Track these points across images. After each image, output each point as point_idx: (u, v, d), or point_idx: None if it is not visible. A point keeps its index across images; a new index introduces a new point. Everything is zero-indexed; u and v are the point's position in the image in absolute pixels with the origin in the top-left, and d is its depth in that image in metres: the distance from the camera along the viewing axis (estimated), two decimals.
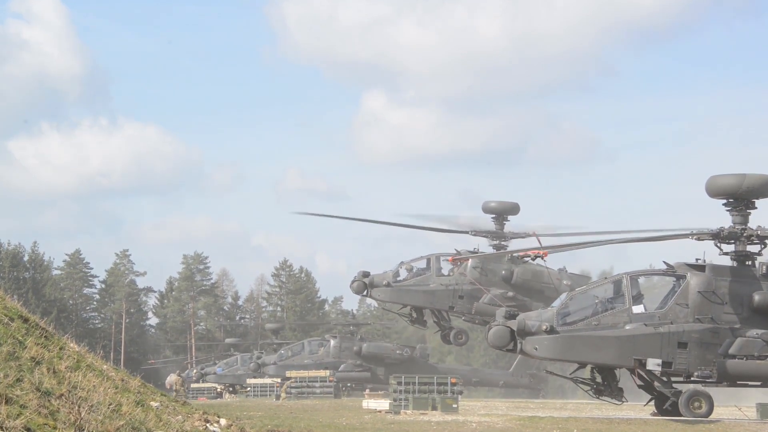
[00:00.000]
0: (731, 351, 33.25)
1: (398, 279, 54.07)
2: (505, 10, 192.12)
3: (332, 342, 74.32)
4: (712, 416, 33.16)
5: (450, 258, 51.66)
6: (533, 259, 47.09)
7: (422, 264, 53.89)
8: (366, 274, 54.25)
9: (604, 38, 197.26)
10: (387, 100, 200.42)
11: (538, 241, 40.89)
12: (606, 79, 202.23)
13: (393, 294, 53.62)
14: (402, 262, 54.79)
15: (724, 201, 34.72)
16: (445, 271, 52.90)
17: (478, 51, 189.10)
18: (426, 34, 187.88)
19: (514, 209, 52.68)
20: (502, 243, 51.15)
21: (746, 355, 33.24)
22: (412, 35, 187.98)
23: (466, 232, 50.14)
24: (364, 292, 55.07)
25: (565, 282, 49.44)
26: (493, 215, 52.25)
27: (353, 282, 54.98)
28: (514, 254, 50.40)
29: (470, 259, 50.78)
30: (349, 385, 70.32)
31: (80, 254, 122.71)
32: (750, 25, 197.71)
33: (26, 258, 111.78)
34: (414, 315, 55.77)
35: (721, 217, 35.06)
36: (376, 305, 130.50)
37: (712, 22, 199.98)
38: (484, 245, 51.67)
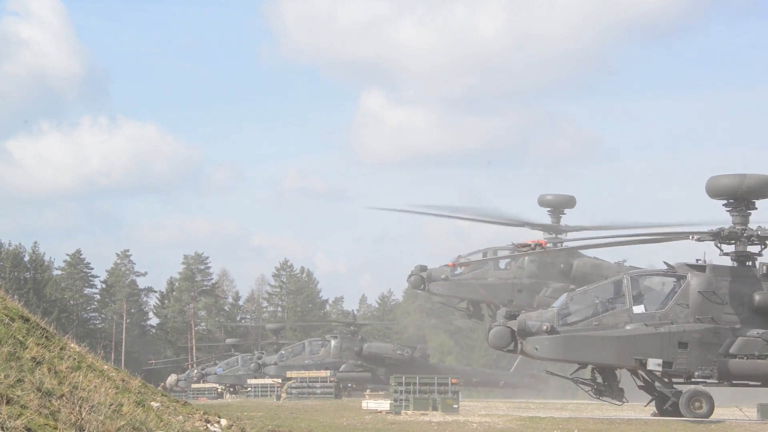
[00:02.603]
0: (732, 351, 33.27)
1: (456, 273, 53.42)
2: (505, 9, 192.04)
3: (333, 342, 74.32)
4: (713, 416, 33.17)
5: (450, 263, 51.56)
6: (533, 248, 46.95)
7: (477, 257, 53.08)
8: (423, 268, 53.49)
9: (605, 37, 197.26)
10: (387, 100, 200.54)
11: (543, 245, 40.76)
12: (607, 79, 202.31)
13: (451, 288, 52.98)
14: (459, 256, 54.02)
15: (725, 201, 34.73)
16: (502, 265, 52.32)
17: (478, 50, 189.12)
18: (426, 33, 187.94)
19: (570, 202, 51.82)
20: (559, 236, 50.24)
21: (747, 354, 33.26)
22: (412, 34, 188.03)
23: (523, 226, 49.10)
24: (422, 287, 54.35)
25: None
26: (549, 208, 51.50)
27: (410, 276, 54.16)
28: (514, 245, 50.07)
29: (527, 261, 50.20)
30: (349, 385, 70.29)
31: (81, 254, 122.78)
32: (751, 24, 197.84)
33: (27, 258, 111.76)
34: (471, 309, 55.47)
35: (721, 217, 35.11)
36: (377, 305, 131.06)
37: (713, 21, 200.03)
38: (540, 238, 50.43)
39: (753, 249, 34.81)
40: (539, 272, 50.53)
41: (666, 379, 34.04)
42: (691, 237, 34.56)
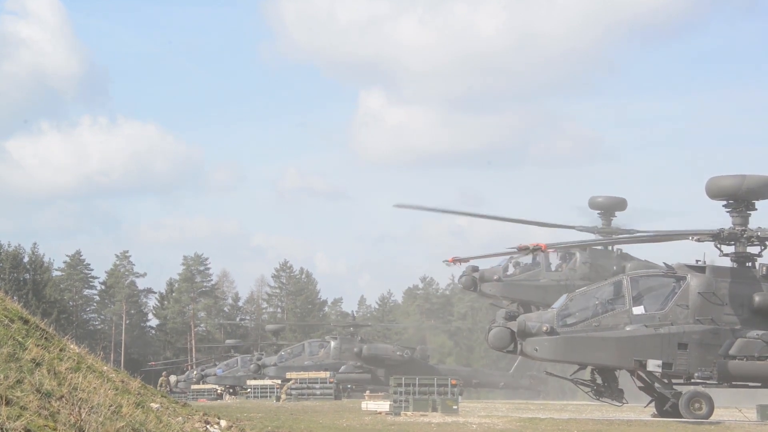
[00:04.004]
0: (731, 352, 33.25)
1: (508, 274, 52.99)
2: (505, 9, 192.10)
3: (332, 343, 74.30)
4: (713, 418, 33.15)
5: (450, 258, 51.28)
6: (533, 251, 46.69)
7: (528, 259, 52.59)
8: (475, 269, 53.02)
9: (606, 37, 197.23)
10: (387, 99, 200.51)
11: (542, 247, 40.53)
12: (607, 78, 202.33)
13: (503, 288, 52.44)
14: (512, 257, 53.61)
15: (724, 202, 34.72)
16: (553, 267, 51.87)
17: (478, 50, 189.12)
18: (426, 32, 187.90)
19: (621, 205, 50.98)
20: (609, 239, 49.37)
21: (746, 356, 33.24)
22: (412, 34, 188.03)
23: (573, 228, 48.37)
24: (473, 287, 53.89)
25: None
26: (600, 211, 50.79)
27: (462, 276, 53.61)
28: (513, 249, 49.85)
29: (579, 255, 49.78)
30: (349, 386, 70.27)
31: (80, 255, 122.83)
32: (752, 24, 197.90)
33: (26, 259, 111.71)
34: (521, 310, 55.32)
35: (721, 218, 35.11)
36: (377, 306, 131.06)
37: (714, 21, 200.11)
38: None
39: (753, 250, 34.80)
40: (591, 274, 50.03)
41: (666, 380, 34.02)
42: (690, 237, 34.55)
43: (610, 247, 49.21)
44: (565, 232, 40.45)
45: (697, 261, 34.60)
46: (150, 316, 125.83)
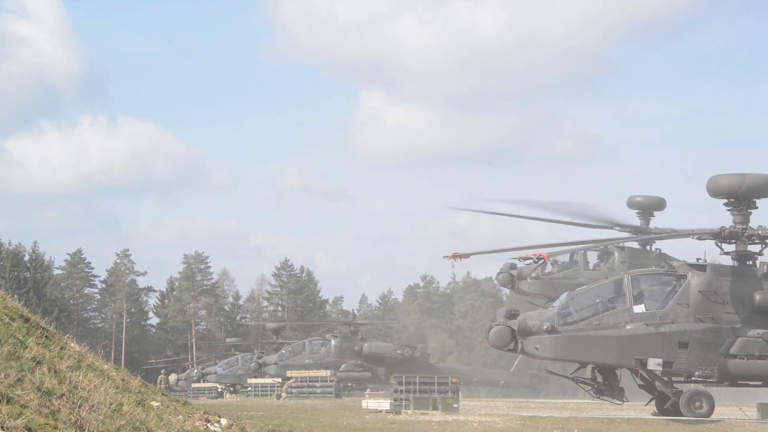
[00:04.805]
0: (732, 351, 33.25)
1: (545, 272, 52.75)
2: (505, 8, 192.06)
3: (333, 342, 74.32)
4: (713, 416, 33.15)
5: (450, 254, 51.05)
6: (536, 262, 46.56)
7: (566, 257, 52.26)
8: (513, 266, 52.72)
9: (606, 36, 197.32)
10: (387, 99, 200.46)
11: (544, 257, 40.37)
12: (607, 78, 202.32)
13: (541, 286, 52.12)
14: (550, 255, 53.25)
15: (725, 201, 34.71)
16: (591, 265, 51.58)
17: (478, 49, 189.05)
18: (426, 31, 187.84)
19: (660, 204, 50.50)
20: (648, 239, 48.85)
21: (747, 354, 33.24)
22: (412, 33, 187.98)
23: (611, 227, 47.77)
24: (510, 285, 53.63)
25: None
26: (638, 210, 50.40)
27: (499, 273, 53.34)
28: (513, 252, 49.78)
29: (617, 254, 49.56)
30: (349, 384, 70.33)
31: (81, 254, 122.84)
32: (753, 23, 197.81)
33: (27, 258, 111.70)
34: None
35: (721, 216, 35.10)
36: (377, 305, 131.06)
37: (715, 20, 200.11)
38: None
39: (754, 248, 34.81)
40: None
41: (666, 379, 34.03)
42: (691, 236, 34.55)
43: (648, 247, 48.73)
44: (601, 232, 39.63)
45: (697, 259, 34.61)
46: (150, 314, 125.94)
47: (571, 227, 38.13)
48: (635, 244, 48.56)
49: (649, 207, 49.77)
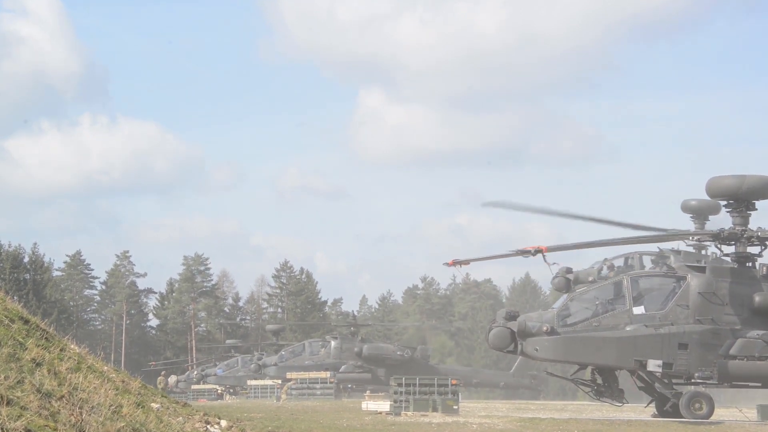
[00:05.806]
0: (732, 352, 33.25)
1: (602, 276, 52.70)
2: (506, 7, 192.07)
3: (333, 343, 74.34)
4: (713, 418, 33.15)
5: (450, 261, 50.93)
6: (533, 255, 46.29)
7: (620, 262, 52.11)
8: (569, 270, 52.66)
9: (607, 36, 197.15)
10: (386, 98, 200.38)
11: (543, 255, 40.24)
12: (608, 77, 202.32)
13: None
14: (606, 259, 53.28)
15: (725, 202, 34.72)
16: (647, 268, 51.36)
17: (478, 48, 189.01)
18: (426, 31, 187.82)
19: (715, 208, 50.46)
20: (703, 243, 48.63)
21: (747, 356, 33.24)
22: (412, 32, 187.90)
23: (665, 232, 46.84)
24: (566, 289, 53.48)
25: None
26: (692, 214, 50.24)
27: (555, 277, 53.12)
28: (513, 251, 49.57)
29: (672, 258, 49.51)
30: (349, 386, 70.35)
31: (81, 255, 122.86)
32: (754, 23, 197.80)
33: (26, 259, 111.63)
34: None
35: (721, 217, 35.12)
36: (377, 306, 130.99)
37: (716, 19, 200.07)
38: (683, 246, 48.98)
39: (753, 250, 34.81)
40: None
41: (666, 380, 34.02)
42: (691, 237, 34.55)
43: (703, 251, 48.76)
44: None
45: (697, 261, 34.60)
46: (150, 316, 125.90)
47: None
48: (690, 248, 48.79)
49: (703, 211, 49.77)
